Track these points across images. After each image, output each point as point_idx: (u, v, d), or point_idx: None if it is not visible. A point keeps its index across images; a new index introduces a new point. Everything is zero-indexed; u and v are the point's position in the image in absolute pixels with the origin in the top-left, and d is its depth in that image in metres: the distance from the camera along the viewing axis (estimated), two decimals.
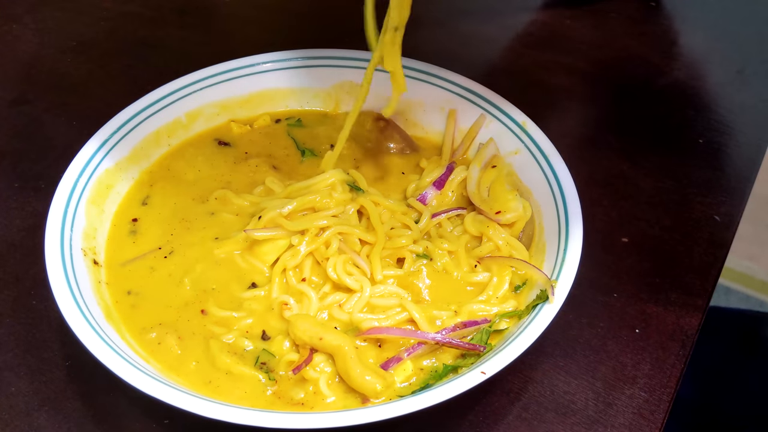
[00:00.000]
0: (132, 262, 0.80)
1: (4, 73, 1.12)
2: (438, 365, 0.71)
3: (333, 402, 0.69)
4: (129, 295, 0.77)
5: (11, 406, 0.73)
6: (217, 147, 0.92)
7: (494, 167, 0.86)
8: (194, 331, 0.74)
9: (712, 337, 1.18)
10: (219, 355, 0.71)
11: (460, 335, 0.72)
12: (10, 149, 1.00)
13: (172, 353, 0.72)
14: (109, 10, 1.24)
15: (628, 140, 1.01)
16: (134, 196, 0.86)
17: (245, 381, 0.70)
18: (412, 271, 0.78)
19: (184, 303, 0.76)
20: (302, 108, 0.97)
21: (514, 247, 0.79)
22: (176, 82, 0.91)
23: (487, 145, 0.87)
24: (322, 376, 0.70)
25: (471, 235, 0.81)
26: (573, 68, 1.13)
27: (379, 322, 0.73)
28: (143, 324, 0.74)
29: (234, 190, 0.86)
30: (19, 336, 0.79)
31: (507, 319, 0.74)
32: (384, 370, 0.70)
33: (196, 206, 0.85)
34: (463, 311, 0.75)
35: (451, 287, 0.78)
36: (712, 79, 1.13)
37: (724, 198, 0.94)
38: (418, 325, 0.73)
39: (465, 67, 0.92)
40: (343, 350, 0.69)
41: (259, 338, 0.74)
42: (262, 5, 1.26)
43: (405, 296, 0.76)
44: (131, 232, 0.83)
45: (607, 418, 0.73)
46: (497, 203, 0.82)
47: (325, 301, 0.75)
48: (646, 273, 0.85)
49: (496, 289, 0.77)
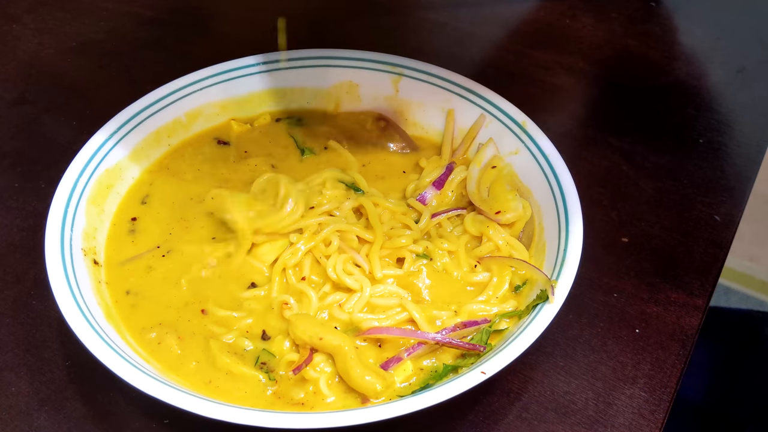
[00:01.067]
0: (130, 262, 0.80)
1: (4, 73, 1.12)
2: (438, 365, 0.71)
3: (333, 402, 0.69)
4: (128, 294, 0.77)
5: (11, 406, 0.73)
6: (216, 146, 0.92)
7: (494, 167, 0.86)
8: (194, 331, 0.74)
9: (715, 336, 1.18)
10: (219, 355, 0.71)
11: (460, 335, 0.72)
12: (10, 149, 1.00)
13: (172, 353, 0.72)
14: (109, 10, 1.24)
15: (628, 140, 1.01)
16: (134, 195, 0.86)
17: (245, 381, 0.70)
18: (412, 271, 0.78)
19: (183, 303, 0.76)
20: (302, 107, 0.97)
21: (514, 247, 0.79)
22: (176, 82, 0.91)
23: (486, 145, 0.87)
24: (322, 376, 0.70)
25: (471, 235, 0.81)
26: (573, 68, 1.13)
27: (379, 322, 0.73)
28: (143, 324, 0.74)
29: (231, 189, 0.85)
30: (19, 336, 0.79)
31: (507, 319, 0.74)
32: (384, 370, 0.70)
33: (195, 206, 0.85)
34: (463, 311, 0.75)
35: (451, 287, 0.78)
36: (713, 79, 1.13)
37: (724, 198, 0.94)
38: (418, 325, 0.73)
39: (465, 67, 0.92)
40: (343, 350, 0.69)
41: (259, 338, 0.74)
42: (261, 5, 1.26)
43: (405, 296, 0.76)
44: (130, 231, 0.83)
45: (607, 418, 0.73)
46: (497, 203, 0.82)
47: (325, 300, 0.75)
48: (646, 273, 0.85)
49: (496, 289, 0.77)
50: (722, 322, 1.22)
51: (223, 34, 1.20)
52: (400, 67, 0.93)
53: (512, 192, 0.83)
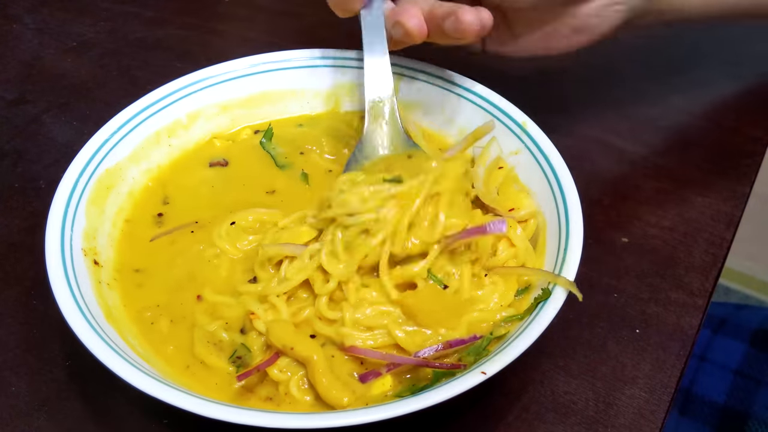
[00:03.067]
0: (157, 239, 0.82)
1: (4, 73, 1.12)
2: (418, 381, 0.69)
3: (306, 402, 0.68)
4: (137, 272, 0.78)
5: (11, 406, 0.73)
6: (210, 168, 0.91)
7: (500, 168, 0.85)
8: (185, 315, 0.75)
9: (735, 337, 1.18)
10: (197, 343, 0.72)
11: (443, 355, 0.69)
12: (10, 149, 1.00)
13: (160, 334, 0.73)
14: (109, 10, 1.24)
15: (628, 140, 1.01)
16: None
17: (218, 372, 0.70)
18: (410, 291, 0.73)
19: (178, 286, 0.77)
20: (302, 108, 0.97)
21: (529, 252, 0.76)
22: (176, 82, 0.91)
23: (489, 146, 0.86)
24: (294, 377, 0.69)
25: (482, 250, 0.75)
26: (573, 68, 1.13)
27: (363, 341, 0.70)
28: (144, 303, 0.76)
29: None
30: (19, 336, 0.79)
31: (507, 323, 0.72)
32: (362, 381, 0.68)
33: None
34: (460, 326, 0.71)
35: (449, 304, 0.73)
36: (712, 79, 1.13)
37: (724, 198, 0.94)
38: (403, 349, 0.69)
39: (465, 67, 0.92)
40: (312, 360, 0.67)
41: (238, 331, 0.73)
42: (261, 5, 1.26)
43: (396, 315, 0.71)
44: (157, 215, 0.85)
45: (607, 418, 0.73)
46: (509, 201, 0.80)
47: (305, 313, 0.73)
48: (646, 273, 0.85)
49: (499, 300, 0.73)
50: (743, 322, 1.22)
51: (223, 35, 1.20)
52: (400, 67, 0.93)
53: (523, 191, 0.82)
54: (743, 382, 1.16)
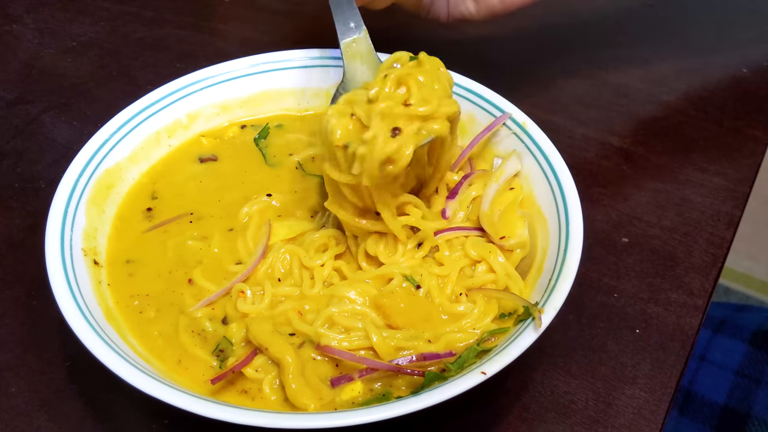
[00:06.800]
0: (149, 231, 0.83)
1: (4, 73, 1.13)
2: (389, 390, 0.69)
3: (274, 401, 0.68)
4: (127, 263, 0.79)
5: (11, 406, 0.73)
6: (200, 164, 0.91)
7: (512, 189, 0.83)
8: (172, 302, 0.76)
9: (735, 337, 1.18)
10: (182, 333, 0.73)
11: (418, 366, 0.69)
12: (10, 149, 1.00)
13: (146, 322, 0.74)
14: (109, 10, 1.24)
15: (628, 140, 1.01)
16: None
17: (200, 363, 0.71)
18: (388, 291, 0.74)
19: (168, 271, 0.79)
20: (299, 107, 0.97)
21: (511, 277, 0.76)
22: (176, 82, 0.91)
23: (508, 159, 0.84)
24: (267, 377, 0.69)
25: (470, 259, 0.77)
26: (573, 68, 1.13)
27: (339, 342, 0.70)
28: (132, 292, 0.77)
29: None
30: (19, 336, 0.79)
31: (493, 338, 0.71)
32: (332, 386, 0.68)
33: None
34: (439, 341, 0.71)
35: (427, 313, 0.74)
36: (713, 79, 1.13)
37: (724, 198, 0.94)
38: (378, 353, 0.70)
39: (465, 67, 0.92)
40: (285, 362, 0.68)
41: (220, 321, 0.74)
42: (261, 5, 1.26)
43: (373, 318, 0.72)
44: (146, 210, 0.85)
45: (607, 418, 0.73)
46: (505, 228, 0.79)
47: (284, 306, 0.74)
48: (646, 273, 0.85)
49: (476, 320, 0.73)
50: (745, 323, 1.22)
51: (223, 35, 1.20)
52: None
53: (522, 219, 0.80)
54: (743, 382, 1.16)
